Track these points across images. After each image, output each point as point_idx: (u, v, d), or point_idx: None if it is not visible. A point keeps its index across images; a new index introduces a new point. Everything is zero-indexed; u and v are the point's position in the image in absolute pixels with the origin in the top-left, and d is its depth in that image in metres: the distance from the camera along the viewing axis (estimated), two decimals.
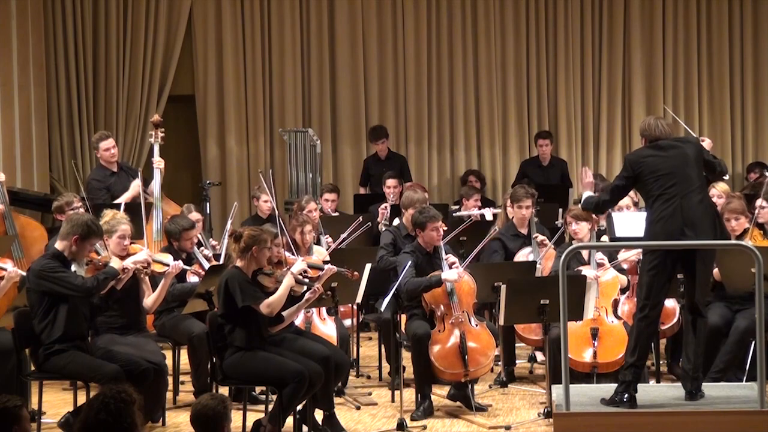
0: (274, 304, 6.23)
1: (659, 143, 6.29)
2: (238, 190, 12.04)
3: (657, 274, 6.17)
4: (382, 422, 6.93)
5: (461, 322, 7.10)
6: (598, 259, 7.59)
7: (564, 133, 12.06)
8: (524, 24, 12.07)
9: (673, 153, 6.25)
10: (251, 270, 6.33)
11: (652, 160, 6.26)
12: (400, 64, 12.13)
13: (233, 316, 6.22)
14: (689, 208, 6.16)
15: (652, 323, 6.21)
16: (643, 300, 6.21)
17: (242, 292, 6.16)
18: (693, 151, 6.31)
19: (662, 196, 6.21)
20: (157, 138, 9.32)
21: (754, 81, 12.01)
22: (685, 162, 6.25)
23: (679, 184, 6.19)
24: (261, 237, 6.33)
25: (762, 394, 5.85)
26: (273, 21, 12.07)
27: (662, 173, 6.22)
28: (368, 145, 12.02)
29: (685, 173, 6.22)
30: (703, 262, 6.25)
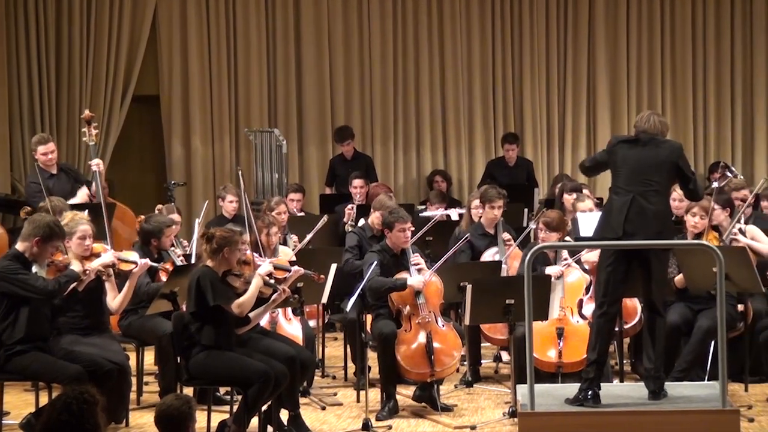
0: (244, 305, 6.22)
1: (641, 137, 6.31)
2: (203, 191, 11.99)
3: (612, 271, 6.21)
4: (348, 422, 6.92)
5: (428, 322, 7.11)
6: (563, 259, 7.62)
7: (529, 134, 12.12)
8: (490, 24, 12.11)
9: (647, 151, 6.24)
10: (221, 270, 6.30)
11: (625, 149, 6.29)
12: (366, 65, 12.13)
13: (203, 315, 6.19)
14: (639, 207, 6.17)
15: (610, 320, 6.24)
16: (601, 297, 6.25)
17: (214, 291, 6.14)
18: (668, 155, 6.28)
19: (620, 191, 6.25)
20: (90, 136, 8.88)
21: (716, 82, 12.12)
22: (656, 163, 6.24)
23: (640, 183, 6.21)
24: (233, 238, 6.31)
25: (724, 394, 5.90)
26: (238, 21, 12.03)
27: (628, 166, 6.25)
28: (334, 145, 12.02)
29: (650, 174, 6.23)
30: (658, 260, 6.26)
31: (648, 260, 6.24)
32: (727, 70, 12.10)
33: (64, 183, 9.13)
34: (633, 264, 6.27)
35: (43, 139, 9.20)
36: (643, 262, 6.25)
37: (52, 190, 8.81)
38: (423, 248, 8.01)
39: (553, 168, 12.01)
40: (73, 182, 9.17)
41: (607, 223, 6.27)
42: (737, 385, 7.44)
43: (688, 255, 7.34)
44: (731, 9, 12.05)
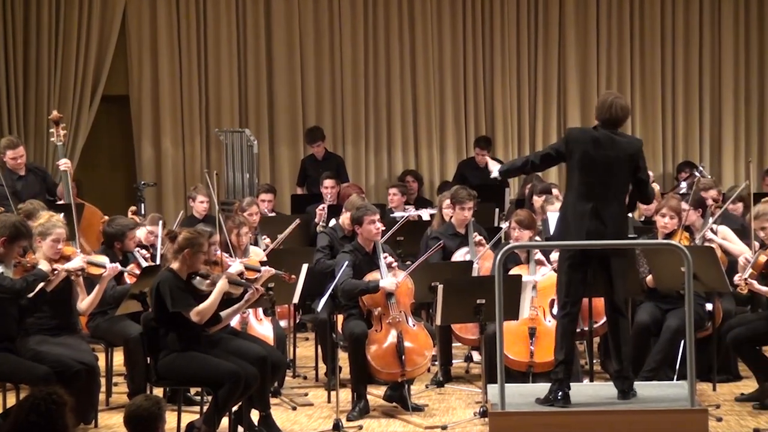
0: (204, 312, 6.14)
1: (601, 139, 6.16)
2: (173, 191, 11.95)
3: (573, 273, 6.19)
4: (319, 423, 6.91)
5: (399, 322, 7.11)
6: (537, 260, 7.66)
7: (500, 134, 12.16)
8: (461, 25, 12.14)
9: (607, 152, 6.14)
10: (185, 272, 6.24)
11: (587, 150, 6.15)
12: (337, 65, 12.13)
13: (165, 320, 6.15)
14: (598, 218, 6.09)
15: (574, 320, 6.23)
16: (564, 298, 6.23)
17: (173, 298, 6.08)
18: (628, 157, 6.19)
19: (581, 195, 6.16)
20: (58, 136, 8.80)
21: (685, 82, 12.20)
22: (618, 166, 6.16)
23: (599, 186, 6.13)
24: (197, 241, 6.22)
25: (692, 393, 5.94)
26: (209, 21, 12.00)
27: (590, 169, 6.15)
28: (305, 146, 12.01)
29: (612, 177, 6.15)
30: (618, 262, 6.22)
31: (608, 262, 6.19)
32: (696, 71, 12.19)
33: (33, 184, 9.06)
34: (593, 265, 6.24)
35: (12, 143, 9.11)
36: (604, 264, 6.21)
37: (20, 192, 8.74)
38: (395, 248, 8.02)
39: None
40: (41, 182, 9.11)
41: (567, 233, 6.21)
42: (705, 384, 7.49)
43: (657, 255, 7.38)
44: (700, 11, 12.14)
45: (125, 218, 7.89)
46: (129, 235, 7.48)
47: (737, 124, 12.17)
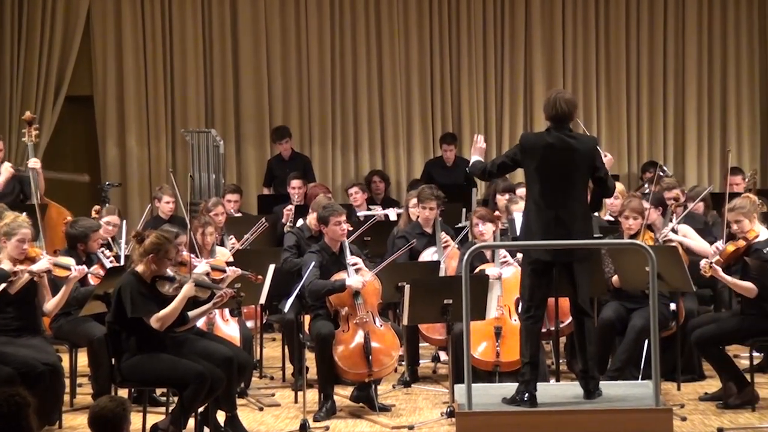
0: (165, 318, 6.07)
1: (555, 144, 6.10)
2: (139, 192, 11.89)
3: (536, 277, 6.17)
4: (285, 423, 6.90)
5: (365, 322, 7.10)
6: (502, 257, 7.68)
7: (467, 134, 12.18)
8: (428, 25, 12.16)
9: (562, 155, 6.09)
10: (150, 275, 6.18)
11: (543, 157, 6.10)
12: (304, 65, 12.12)
13: (125, 323, 6.10)
14: (563, 227, 6.07)
15: (538, 321, 6.20)
16: (527, 301, 6.20)
17: (133, 304, 6.03)
18: (586, 157, 6.14)
19: (542, 204, 6.11)
20: (30, 136, 8.81)
21: (649, 83, 12.29)
22: (576, 169, 6.12)
23: (562, 193, 6.10)
24: (163, 247, 6.16)
25: (657, 393, 5.96)
26: (174, 20, 11.95)
27: (548, 176, 6.10)
28: (272, 146, 11.99)
29: (571, 182, 6.11)
30: (581, 265, 6.20)
31: (571, 267, 6.19)
32: (660, 73, 12.28)
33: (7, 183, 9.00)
34: (557, 268, 6.23)
35: None
36: (567, 269, 6.21)
37: None
38: (361, 248, 8.01)
39: None
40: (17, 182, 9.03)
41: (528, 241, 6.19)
42: (670, 384, 7.53)
43: (622, 255, 7.42)
44: (664, 14, 12.23)
45: (88, 219, 7.84)
46: (92, 237, 7.43)
47: (700, 125, 12.27)
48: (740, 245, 6.92)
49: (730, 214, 7.04)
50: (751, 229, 6.95)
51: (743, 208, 7.00)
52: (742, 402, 6.96)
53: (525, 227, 6.25)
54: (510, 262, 7.67)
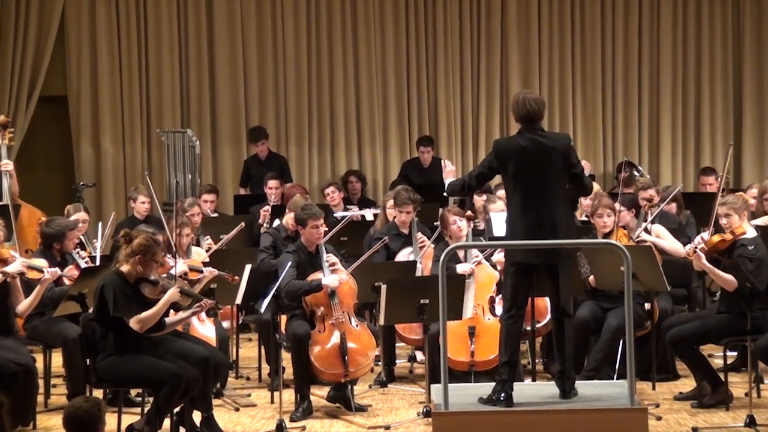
0: (146, 321, 6.07)
1: (530, 147, 6.11)
2: (113, 192, 11.83)
3: (519, 278, 6.18)
4: (261, 423, 6.89)
5: (342, 322, 7.10)
6: (474, 257, 7.70)
7: (444, 134, 12.20)
8: (404, 25, 12.16)
9: (542, 160, 6.10)
10: (134, 276, 6.17)
11: (519, 161, 6.10)
12: (280, 64, 12.09)
13: (105, 321, 6.08)
14: (550, 223, 6.07)
15: (519, 320, 6.22)
16: (510, 301, 6.22)
17: (115, 302, 6.02)
18: (561, 155, 6.14)
19: (524, 208, 6.11)
20: (4, 139, 8.80)
21: (624, 83, 12.33)
22: (553, 170, 6.12)
23: (542, 195, 6.10)
24: (152, 249, 6.16)
25: (632, 392, 5.99)
26: (149, 20, 11.90)
27: (526, 181, 6.10)
28: (248, 146, 11.96)
29: (549, 183, 6.11)
30: (564, 268, 6.20)
31: (555, 267, 6.20)
32: (635, 74, 12.33)
33: None
34: (539, 270, 6.25)
35: None
36: (551, 270, 6.23)
37: None
38: (338, 248, 8.01)
39: (467, 169, 12.06)
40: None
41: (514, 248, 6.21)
42: (645, 383, 7.57)
43: (597, 254, 7.46)
44: (639, 15, 12.28)
45: (64, 218, 7.79)
46: (69, 236, 7.39)
47: (674, 126, 12.33)
48: (727, 238, 6.94)
49: (721, 208, 7.06)
50: (740, 225, 6.98)
51: (735, 204, 7.04)
52: (716, 401, 7.00)
53: (510, 232, 6.25)
54: (483, 262, 7.69)
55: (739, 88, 12.33)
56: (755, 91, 12.27)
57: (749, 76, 12.25)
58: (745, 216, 7.08)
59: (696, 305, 8.54)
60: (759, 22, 12.23)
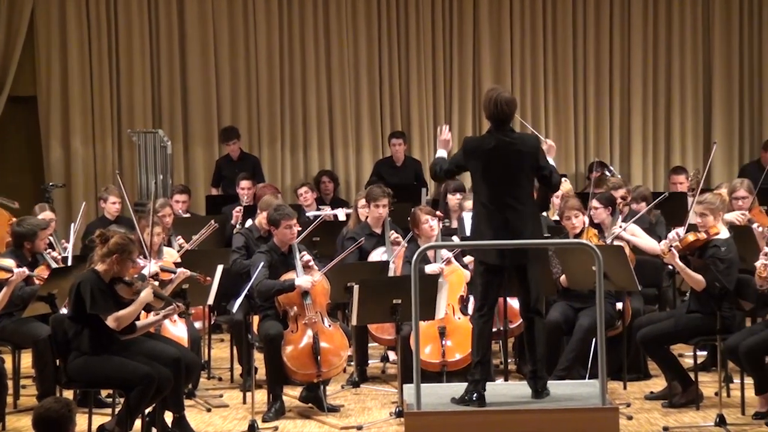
0: (123, 319, 6.06)
1: (498, 146, 6.11)
2: (84, 192, 11.76)
3: (490, 277, 6.19)
4: (233, 424, 6.87)
5: (314, 322, 7.09)
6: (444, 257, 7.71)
7: (417, 134, 12.21)
8: (376, 24, 12.16)
9: (505, 157, 6.09)
10: (110, 276, 6.14)
11: (487, 161, 6.11)
12: (252, 64, 12.06)
13: (81, 319, 6.04)
14: (516, 228, 6.08)
15: (490, 320, 6.23)
16: (480, 300, 6.23)
17: (93, 299, 5.99)
18: (529, 157, 6.15)
19: (491, 208, 6.12)
20: None
21: (596, 83, 12.38)
22: (520, 170, 6.12)
23: (510, 196, 6.11)
24: (127, 248, 6.15)
25: (603, 392, 6.02)
26: (120, 19, 11.84)
27: (494, 180, 6.11)
28: (220, 146, 11.92)
29: (517, 183, 6.12)
30: (534, 268, 6.22)
31: (523, 268, 6.21)
32: (606, 73, 12.38)
33: None
34: (509, 270, 6.26)
35: None
36: (519, 270, 6.24)
37: None
38: (310, 248, 7.99)
39: None
40: None
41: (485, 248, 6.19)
42: (617, 383, 7.60)
43: (568, 254, 7.48)
44: (610, 14, 12.34)
45: (36, 218, 7.74)
46: (40, 235, 7.34)
47: (645, 125, 12.40)
48: (701, 237, 6.98)
49: (697, 206, 7.09)
50: (714, 225, 7.02)
51: (712, 204, 7.06)
52: (686, 401, 7.04)
53: (475, 231, 6.26)
54: (453, 262, 7.70)
55: (708, 88, 12.42)
56: (724, 91, 12.36)
57: (719, 76, 12.33)
58: (720, 216, 7.12)
59: (666, 305, 8.59)
60: (728, 22, 12.33)
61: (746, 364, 6.50)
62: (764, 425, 6.47)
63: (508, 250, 6.12)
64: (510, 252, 6.13)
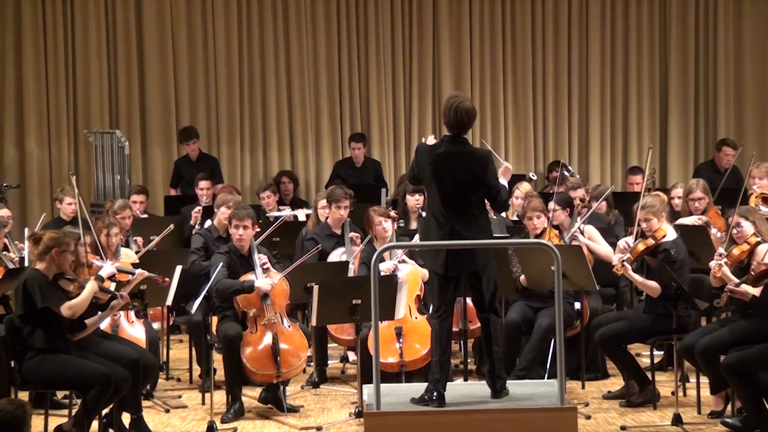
0: (76, 307, 6.02)
1: (449, 155, 6.11)
2: (39, 194, 11.65)
3: (442, 280, 6.18)
4: (192, 425, 6.83)
5: (274, 323, 7.07)
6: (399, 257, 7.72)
7: (376, 134, 12.21)
8: (335, 24, 12.15)
9: (457, 168, 6.09)
10: (52, 273, 6.10)
11: (437, 170, 6.11)
12: (211, 64, 12.01)
13: (32, 318, 5.98)
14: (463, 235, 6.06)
15: (447, 319, 6.23)
16: (438, 301, 6.23)
17: (42, 293, 5.95)
18: (477, 170, 6.13)
19: (439, 219, 6.12)
20: None
21: (555, 84, 12.44)
22: (466, 179, 6.11)
23: (456, 205, 6.10)
24: (62, 240, 6.11)
25: (562, 392, 6.05)
26: (77, 19, 11.74)
27: (441, 185, 6.11)
28: (179, 146, 11.85)
29: (464, 192, 6.11)
30: (486, 275, 6.21)
31: (476, 276, 6.22)
32: (564, 74, 12.45)
33: None
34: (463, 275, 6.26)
35: None
36: (472, 276, 6.24)
37: None
38: (270, 249, 7.97)
39: (400, 168, 12.12)
40: None
41: (428, 254, 6.18)
42: (575, 382, 7.64)
43: (528, 254, 7.52)
44: (568, 16, 12.41)
45: None
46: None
47: (603, 125, 12.48)
48: (649, 244, 7.05)
49: (640, 213, 7.16)
50: (660, 228, 7.09)
51: (653, 207, 7.13)
52: (643, 400, 7.10)
53: (423, 237, 6.26)
54: (407, 261, 7.71)
55: (665, 88, 12.53)
56: (680, 92, 12.47)
57: (675, 77, 12.44)
58: (663, 217, 7.19)
59: (624, 305, 8.66)
60: (684, 24, 12.44)
61: (701, 363, 6.56)
62: (720, 424, 6.53)
63: (453, 262, 6.11)
64: (455, 263, 6.11)
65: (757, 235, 6.54)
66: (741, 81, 12.48)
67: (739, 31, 12.46)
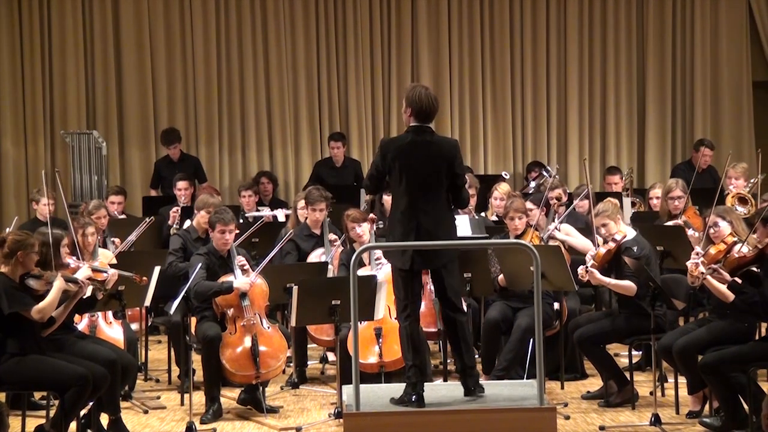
0: (45, 309, 5.96)
1: (413, 146, 6.06)
2: (15, 194, 11.60)
3: (407, 278, 6.17)
4: (171, 426, 6.81)
5: (253, 324, 7.06)
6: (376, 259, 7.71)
7: (355, 134, 12.21)
8: (314, 25, 12.14)
9: (424, 158, 6.05)
10: (18, 275, 6.03)
11: (402, 158, 6.06)
12: (189, 65, 11.97)
13: (1, 324, 5.92)
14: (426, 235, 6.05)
15: (415, 320, 6.21)
16: (403, 301, 6.19)
17: (8, 299, 5.88)
18: (445, 160, 6.09)
19: (405, 208, 6.09)
20: None
21: (533, 84, 12.49)
22: (433, 170, 6.07)
23: (422, 197, 6.07)
24: (27, 241, 6.05)
25: (541, 392, 6.05)
26: (53, 19, 11.70)
27: (407, 177, 6.06)
28: (157, 147, 11.81)
29: (431, 184, 6.07)
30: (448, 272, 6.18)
31: (439, 274, 6.20)
32: (543, 73, 12.49)
33: None
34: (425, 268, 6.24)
35: None
36: (436, 275, 6.23)
37: None
38: (249, 250, 7.96)
39: None
40: None
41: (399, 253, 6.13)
42: (554, 383, 7.66)
43: (507, 254, 7.53)
44: (546, 16, 12.45)
45: None
46: None
47: (581, 125, 12.54)
48: (611, 247, 7.12)
49: (596, 219, 7.21)
50: (618, 230, 7.15)
51: (606, 212, 7.20)
52: (622, 400, 7.12)
53: (390, 234, 6.25)
54: (384, 263, 7.70)
55: (642, 89, 12.59)
56: (658, 92, 12.54)
57: (652, 77, 12.52)
58: (620, 220, 7.25)
59: (602, 305, 8.69)
60: (661, 25, 12.51)
61: (679, 363, 6.59)
62: (698, 424, 6.56)
63: (418, 255, 6.09)
64: (420, 259, 6.10)
65: (734, 235, 6.58)
66: (718, 81, 12.56)
67: (716, 31, 12.54)
